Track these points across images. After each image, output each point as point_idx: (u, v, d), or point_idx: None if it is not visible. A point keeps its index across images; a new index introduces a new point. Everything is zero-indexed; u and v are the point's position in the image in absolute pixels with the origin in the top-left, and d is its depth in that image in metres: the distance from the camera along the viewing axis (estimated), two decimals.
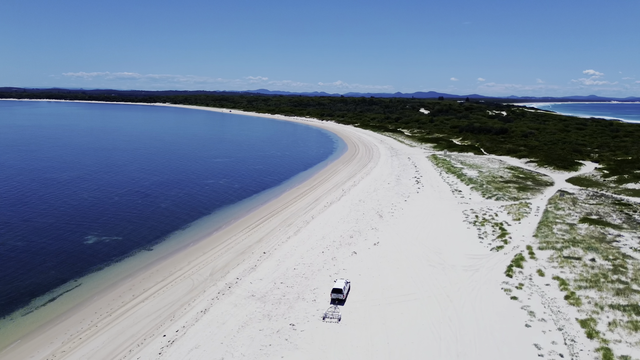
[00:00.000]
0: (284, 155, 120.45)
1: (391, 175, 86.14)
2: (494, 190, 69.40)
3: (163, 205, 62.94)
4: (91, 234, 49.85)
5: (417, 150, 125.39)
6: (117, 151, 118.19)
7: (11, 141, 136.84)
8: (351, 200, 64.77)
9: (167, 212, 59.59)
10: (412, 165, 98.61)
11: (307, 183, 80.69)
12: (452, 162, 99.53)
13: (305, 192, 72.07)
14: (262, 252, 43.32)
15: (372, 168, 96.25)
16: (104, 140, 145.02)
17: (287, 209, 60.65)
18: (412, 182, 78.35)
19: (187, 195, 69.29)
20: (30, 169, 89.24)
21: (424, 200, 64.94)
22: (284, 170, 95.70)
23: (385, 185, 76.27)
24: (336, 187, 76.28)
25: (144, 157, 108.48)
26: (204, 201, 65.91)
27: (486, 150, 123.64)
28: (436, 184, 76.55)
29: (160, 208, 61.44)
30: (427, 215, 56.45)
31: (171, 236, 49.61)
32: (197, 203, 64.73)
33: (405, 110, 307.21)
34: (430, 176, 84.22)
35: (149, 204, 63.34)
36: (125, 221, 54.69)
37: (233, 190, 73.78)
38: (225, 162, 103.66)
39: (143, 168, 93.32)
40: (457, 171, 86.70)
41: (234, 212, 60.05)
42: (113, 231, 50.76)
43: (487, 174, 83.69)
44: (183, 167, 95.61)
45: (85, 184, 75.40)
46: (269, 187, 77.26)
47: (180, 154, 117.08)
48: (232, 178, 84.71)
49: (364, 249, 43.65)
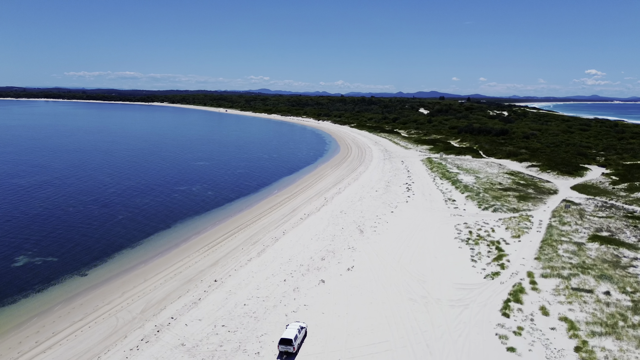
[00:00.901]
0: (271, 158, 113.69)
1: (380, 181, 79.28)
2: (492, 200, 62.52)
3: (120, 217, 56.20)
4: (24, 253, 43.16)
5: (411, 153, 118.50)
6: (94, 153, 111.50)
7: None
8: (332, 212, 57.95)
9: (121, 226, 52.84)
10: (404, 169, 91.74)
11: (288, 190, 73.90)
12: (447, 166, 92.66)
13: (283, 201, 65.28)
14: (213, 279, 36.57)
15: (361, 173, 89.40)
16: (84, 141, 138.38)
17: (258, 222, 53.85)
18: (402, 190, 71.51)
19: (151, 205, 62.56)
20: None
21: (413, 211, 58.11)
22: (266, 175, 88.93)
23: (372, 193, 69.44)
24: (319, 195, 69.47)
25: (120, 160, 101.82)
26: (168, 212, 59.18)
27: (485, 153, 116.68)
28: (428, 192, 69.70)
29: (115, 221, 54.69)
30: (414, 230, 49.63)
31: (115, 257, 42.88)
32: (160, 215, 57.98)
33: (404, 110, 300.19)
34: (423, 182, 77.37)
35: (104, 216, 56.60)
36: (69, 238, 47.95)
37: (204, 199, 67.03)
38: (205, 166, 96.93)
39: (115, 172, 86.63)
40: (452, 177, 79.82)
41: (197, 226, 53.28)
42: (50, 250, 44.04)
43: (484, 180, 76.79)
44: (159, 172, 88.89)
45: (41, 192, 68.70)
46: (245, 195, 70.50)
47: (161, 156, 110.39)
48: (208, 184, 77.95)
49: (334, 276, 36.85)
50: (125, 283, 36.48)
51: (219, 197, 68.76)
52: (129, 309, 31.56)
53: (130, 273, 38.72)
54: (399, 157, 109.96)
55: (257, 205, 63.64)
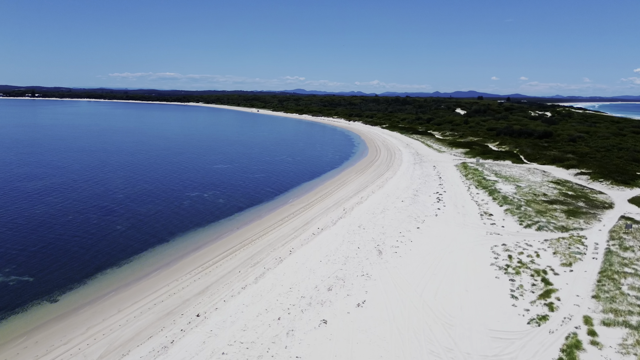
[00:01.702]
0: (294, 160, 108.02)
1: (408, 189, 71.99)
2: (535, 215, 54.28)
3: (118, 228, 51.61)
4: (0, 271, 38.88)
5: (445, 157, 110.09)
6: (116, 154, 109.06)
7: (13, 141, 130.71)
8: (349, 226, 51.42)
9: (116, 239, 48.15)
10: (436, 176, 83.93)
11: (306, 198, 67.81)
12: (484, 173, 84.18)
13: (297, 212, 59.24)
14: (196, 314, 30.85)
15: (388, 179, 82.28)
16: (111, 142, 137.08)
17: (265, 237, 47.98)
18: (431, 200, 64.08)
19: (155, 214, 57.85)
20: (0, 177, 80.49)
21: (442, 227, 50.80)
22: (286, 180, 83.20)
23: (398, 203, 62.39)
24: (337, 204, 63.04)
25: (140, 162, 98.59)
26: (171, 223, 54.23)
27: (526, 158, 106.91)
28: (461, 204, 62.00)
29: (111, 233, 50.08)
30: (442, 252, 42.49)
31: (97, 278, 37.95)
32: (162, 226, 53.07)
33: (439, 110, 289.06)
34: (456, 192, 69.57)
35: (102, 227, 52.16)
36: (53, 253, 43.49)
37: (214, 208, 61.86)
38: (223, 170, 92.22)
39: (130, 175, 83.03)
40: (489, 186, 71.58)
41: (197, 240, 47.95)
42: (30, 267, 39.61)
43: (526, 190, 68.22)
44: (175, 175, 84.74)
45: (48, 197, 65.37)
46: (258, 203, 64.92)
47: (182, 158, 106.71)
48: (221, 190, 72.91)
49: (340, 314, 30.41)
50: (96, 314, 31.29)
51: (230, 205, 63.44)
52: (85, 353, 26.21)
53: (106, 301, 33.55)
54: (430, 162, 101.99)
55: (268, 216, 57.84)
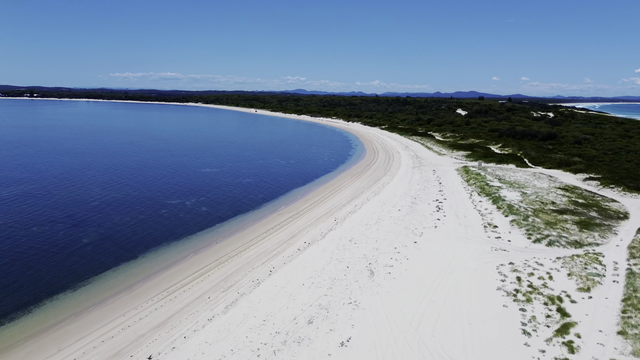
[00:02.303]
0: (288, 164, 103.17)
1: (406, 196, 67.11)
2: (545, 227, 49.36)
3: (85, 242, 46.78)
4: None
5: (446, 160, 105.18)
6: (101, 157, 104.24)
7: (1, 143, 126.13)
8: (339, 239, 46.55)
9: (80, 254, 43.31)
10: (436, 181, 79.04)
11: (295, 207, 62.96)
12: (487, 177, 79.25)
13: (284, 223, 54.38)
14: (147, 355, 25.92)
15: (385, 184, 77.41)
16: (100, 143, 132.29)
17: (244, 254, 43.12)
18: (431, 209, 59.18)
19: (128, 225, 53.01)
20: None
21: (442, 241, 45.92)
22: (276, 186, 78.34)
23: (394, 212, 57.51)
24: (329, 213, 58.17)
25: (124, 165, 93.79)
26: (143, 236, 49.37)
27: (531, 162, 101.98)
28: (463, 213, 57.10)
29: (78, 247, 45.25)
30: (442, 272, 37.60)
31: (44, 306, 33.09)
32: (133, 239, 48.22)
33: (440, 111, 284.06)
34: (457, 199, 64.69)
35: (69, 240, 47.34)
36: (9, 272, 38.68)
37: (194, 218, 57.03)
38: (212, 174, 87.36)
39: (110, 180, 78.21)
40: (493, 192, 66.66)
41: (168, 257, 43.12)
42: None
43: (533, 198, 63.31)
44: (158, 180, 79.93)
45: (18, 205, 60.55)
46: (243, 212, 60.06)
47: (170, 161, 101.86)
48: (206, 197, 68.07)
49: (319, 357, 25.52)
50: (30, 355, 26.47)
51: (213, 214, 58.59)
52: None
53: (46, 336, 28.72)
54: (430, 165, 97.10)
55: (252, 227, 52.97)
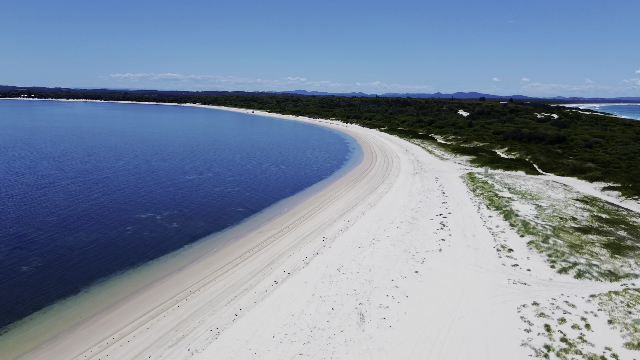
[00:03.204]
0: (279, 170, 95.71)
1: (406, 209, 59.61)
2: (569, 252, 41.85)
3: (24, 270, 39.30)
4: None
5: (449, 166, 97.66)
6: (81, 162, 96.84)
7: None
8: (325, 268, 39.07)
9: (12, 289, 35.85)
10: (439, 190, 71.56)
11: (280, 221, 55.47)
12: (495, 187, 71.76)
13: (264, 243, 46.89)
14: None
15: (382, 194, 69.95)
16: (83, 146, 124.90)
17: (207, 289, 35.58)
18: (434, 226, 51.66)
19: (82, 247, 45.52)
20: None
21: (448, 270, 38.41)
22: (262, 195, 70.89)
23: (392, 230, 50.01)
24: (317, 231, 50.69)
25: (102, 171, 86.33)
26: (94, 262, 41.89)
27: (541, 168, 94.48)
28: (471, 231, 49.59)
29: (12, 278, 37.80)
30: (449, 317, 30.11)
31: None
32: (81, 266, 40.73)
33: (441, 112, 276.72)
34: (464, 213, 57.19)
35: (5, 267, 39.90)
36: None
37: (160, 237, 49.53)
38: (193, 182, 79.91)
39: (79, 190, 70.77)
40: (503, 206, 59.14)
41: (115, 293, 35.57)
42: None
43: (550, 213, 55.79)
44: (133, 189, 72.51)
45: None
46: (218, 230, 52.58)
47: (151, 167, 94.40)
48: (181, 210, 60.64)
49: None
50: None
51: (183, 233, 51.10)
52: None
53: None
54: (432, 172, 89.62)
55: (225, 249, 45.49)
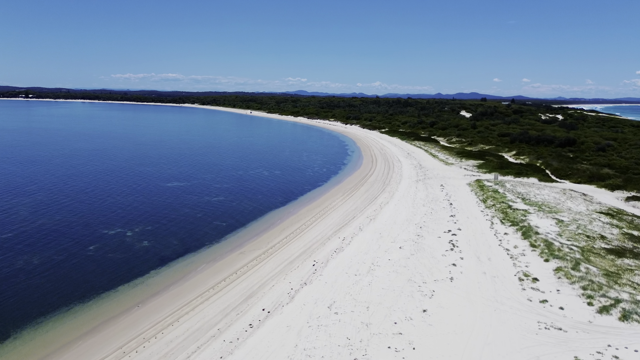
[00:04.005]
0: (272, 175, 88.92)
1: (409, 224, 52.72)
2: (607, 283, 34.95)
3: None
4: None
5: (454, 172, 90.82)
6: (59, 167, 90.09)
7: None
8: (314, 305, 32.19)
9: None
10: (445, 200, 64.73)
11: (266, 240, 48.61)
12: (507, 196, 64.94)
13: (242, 271, 40.02)
14: None
15: (382, 205, 63.14)
16: (67, 149, 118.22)
17: (164, 337, 28.65)
18: (442, 246, 44.81)
19: (28, 273, 38.70)
20: None
21: (463, 307, 31.54)
22: (250, 206, 64.08)
23: (393, 252, 43.17)
24: (307, 252, 43.86)
25: (80, 177, 79.56)
26: (43, 293, 35.13)
27: (555, 174, 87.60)
28: (486, 253, 42.74)
29: None
30: None
31: None
32: (18, 301, 33.95)
33: (443, 112, 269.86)
34: (475, 229, 50.30)
35: None
36: None
37: (126, 260, 42.70)
38: (176, 190, 73.14)
39: (50, 199, 64.03)
40: (519, 220, 52.22)
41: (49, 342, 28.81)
42: None
43: (573, 229, 48.90)
44: (109, 199, 65.74)
45: None
46: (194, 250, 45.71)
47: (135, 172, 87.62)
48: (157, 224, 53.82)
49: None
50: None
51: (153, 253, 44.26)
52: None
53: None
54: (437, 178, 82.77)
55: (196, 277, 38.61)
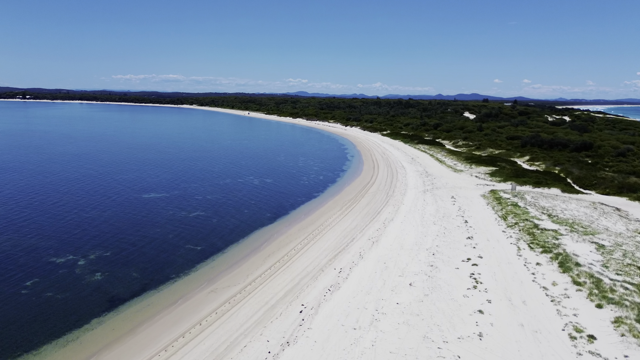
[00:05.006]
0: (263, 185, 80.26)
1: (419, 249, 44.00)
2: None
3: None
4: None
5: (465, 180, 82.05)
6: (26, 175, 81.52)
7: None
8: None
9: None
10: (459, 217, 55.98)
11: (244, 272, 39.91)
12: (530, 212, 56.18)
13: (212, 317, 31.33)
14: None
15: (387, 222, 54.43)
16: (46, 153, 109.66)
17: None
18: (462, 282, 36.03)
19: None
20: None
21: None
22: (233, 224, 55.40)
23: (403, 291, 34.41)
24: (294, 291, 35.16)
25: (44, 188, 70.97)
26: None
27: (577, 183, 78.84)
28: (518, 293, 33.95)
29: None
30: None
31: None
32: None
33: (446, 114, 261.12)
34: (500, 258, 41.53)
35: None
36: None
37: (62, 301, 34.06)
38: (152, 203, 64.54)
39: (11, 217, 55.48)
40: (551, 245, 43.43)
41: None
42: None
43: (619, 257, 40.10)
44: (70, 214, 57.12)
45: None
46: (154, 288, 36.98)
47: (111, 180, 78.99)
48: (115, 251, 45.10)
49: None
50: None
51: (101, 293, 35.55)
52: None
53: None
54: (446, 188, 74.06)
55: (147, 332, 29.67)
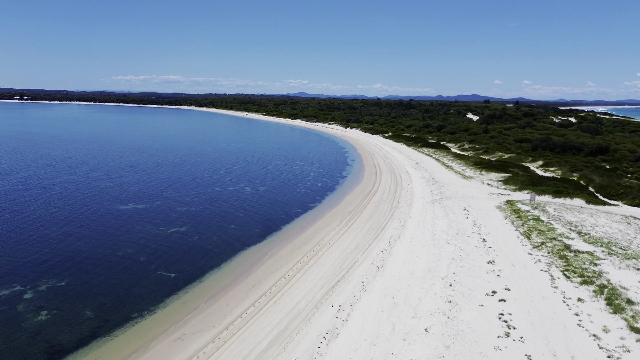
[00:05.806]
0: (254, 193, 73.23)
1: (433, 278, 36.85)
2: None
3: None
4: None
5: (476, 188, 74.88)
6: (10, 185, 74.66)
7: None
8: None
9: None
10: (475, 234, 48.84)
11: (223, 308, 32.79)
12: (556, 228, 49.04)
13: None
14: None
15: (393, 240, 47.33)
16: (28, 157, 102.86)
17: None
18: (490, 326, 28.88)
19: None
20: None
21: None
22: (215, 242, 48.33)
23: (417, 340, 27.21)
24: (279, 342, 27.87)
25: (17, 196, 63.98)
26: None
27: (600, 192, 71.61)
28: (564, 344, 26.68)
29: None
30: None
31: None
32: None
33: (448, 115, 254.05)
34: (532, 290, 34.31)
35: None
36: None
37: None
38: (126, 216, 57.47)
39: None
40: (591, 274, 36.24)
41: None
42: None
43: None
44: (31, 233, 50.12)
45: None
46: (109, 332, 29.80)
47: (86, 189, 71.97)
48: (70, 279, 37.96)
49: None
50: None
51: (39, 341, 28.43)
52: None
53: None
54: (456, 198, 66.94)
55: None
